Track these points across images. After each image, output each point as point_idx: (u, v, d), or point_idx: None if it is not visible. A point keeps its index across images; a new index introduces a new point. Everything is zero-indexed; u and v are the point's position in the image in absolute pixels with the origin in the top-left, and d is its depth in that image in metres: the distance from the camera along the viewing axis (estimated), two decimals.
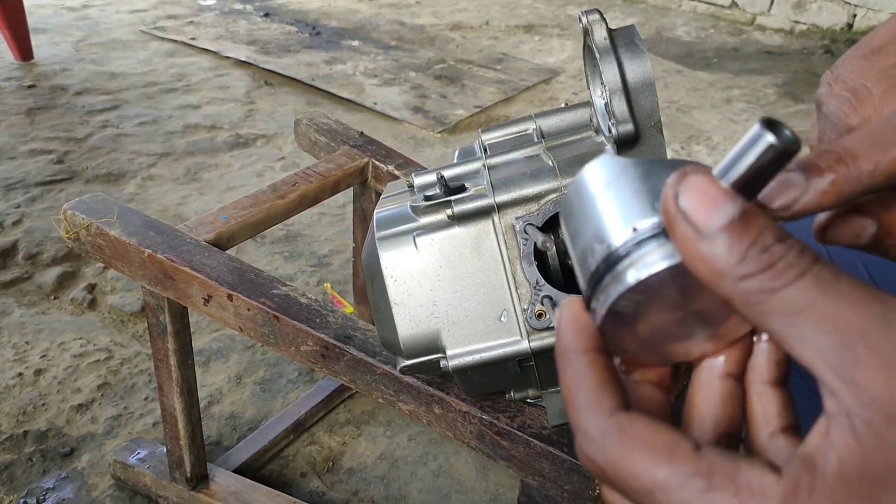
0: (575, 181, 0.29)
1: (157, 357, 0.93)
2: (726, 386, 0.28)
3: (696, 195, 0.23)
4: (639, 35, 0.54)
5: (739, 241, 0.22)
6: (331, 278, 1.62)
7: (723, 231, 0.22)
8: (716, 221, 0.22)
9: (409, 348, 0.56)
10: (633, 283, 0.26)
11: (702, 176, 0.23)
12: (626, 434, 0.24)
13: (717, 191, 0.23)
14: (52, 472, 1.13)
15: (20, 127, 2.20)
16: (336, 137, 1.11)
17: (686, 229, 0.23)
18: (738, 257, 0.22)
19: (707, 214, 0.23)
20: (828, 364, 0.21)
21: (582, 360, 0.26)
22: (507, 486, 1.16)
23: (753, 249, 0.22)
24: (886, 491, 0.21)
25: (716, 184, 0.23)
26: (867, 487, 0.21)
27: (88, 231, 0.86)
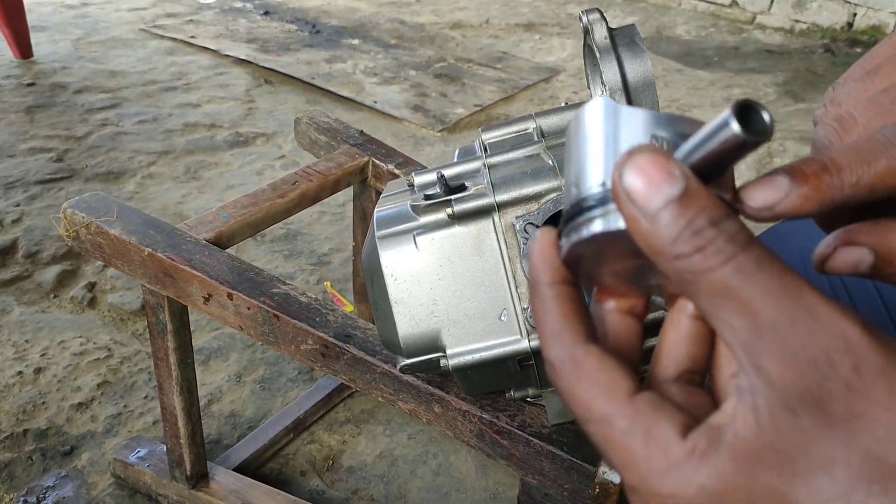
0: (577, 114, 0.29)
1: (157, 356, 0.93)
2: (694, 326, 0.29)
3: (639, 175, 0.24)
4: (639, 34, 0.54)
5: (674, 223, 0.24)
6: (330, 277, 1.62)
7: (660, 212, 0.24)
8: (654, 203, 0.24)
9: (409, 347, 0.56)
10: (588, 235, 0.27)
11: (648, 156, 0.24)
12: (579, 367, 0.27)
13: (660, 173, 0.24)
14: (51, 470, 1.13)
15: (20, 125, 2.20)
16: (336, 136, 1.11)
17: (628, 206, 0.25)
18: (671, 239, 0.24)
19: (647, 195, 0.24)
20: (741, 345, 0.24)
21: (548, 293, 0.28)
22: (506, 484, 1.16)
23: (686, 231, 0.23)
24: (768, 471, 0.23)
25: (661, 165, 0.24)
26: (751, 464, 0.23)
27: (88, 230, 0.86)
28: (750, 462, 0.23)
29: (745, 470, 0.23)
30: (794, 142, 2.47)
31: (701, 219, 0.23)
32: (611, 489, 0.57)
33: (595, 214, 0.27)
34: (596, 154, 0.28)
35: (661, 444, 0.25)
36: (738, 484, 0.23)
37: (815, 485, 0.23)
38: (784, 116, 2.67)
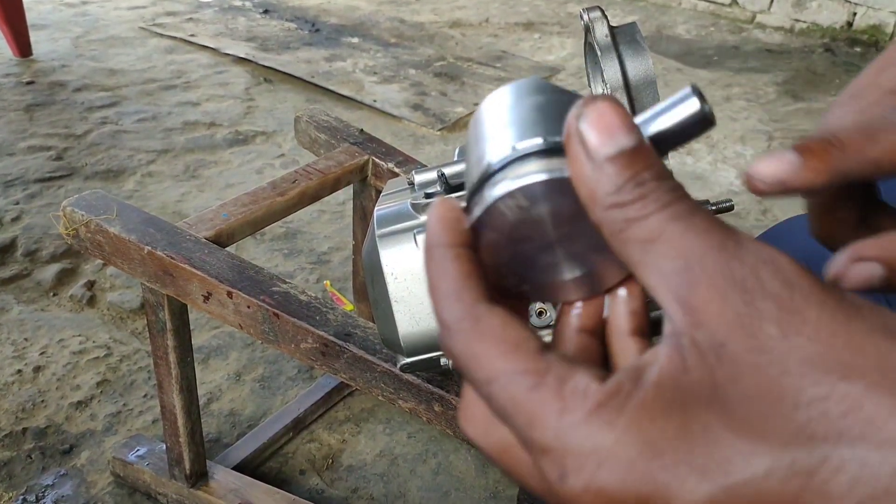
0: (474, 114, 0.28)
1: (157, 354, 0.93)
2: (582, 340, 0.28)
3: (598, 120, 0.23)
4: (640, 32, 0.53)
5: (620, 173, 0.23)
6: (330, 276, 1.62)
7: (608, 160, 0.23)
8: (606, 150, 0.23)
9: (410, 346, 0.56)
10: (503, 193, 0.25)
11: (610, 105, 0.24)
12: (481, 324, 0.25)
13: (619, 122, 0.23)
14: (51, 469, 1.13)
15: (19, 123, 2.19)
16: (336, 135, 1.11)
17: (578, 149, 0.24)
18: (615, 187, 0.23)
19: (600, 141, 0.23)
20: (668, 288, 0.22)
21: (447, 254, 0.26)
22: (506, 483, 1.16)
23: (630, 183, 0.23)
24: (697, 406, 0.21)
25: (621, 116, 0.24)
26: (680, 400, 0.22)
27: (88, 228, 0.86)
28: (679, 398, 0.22)
29: (674, 406, 0.22)
30: (794, 141, 2.47)
31: (647, 172, 0.23)
32: None
33: (510, 173, 0.26)
34: (502, 125, 0.27)
35: (578, 392, 0.23)
36: (668, 421, 0.21)
37: (749, 414, 0.21)
38: (784, 116, 2.67)
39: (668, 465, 0.21)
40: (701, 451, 0.21)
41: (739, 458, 0.21)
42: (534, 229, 0.27)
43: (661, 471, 0.21)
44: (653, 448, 0.21)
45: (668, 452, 0.21)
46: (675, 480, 0.21)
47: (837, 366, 0.20)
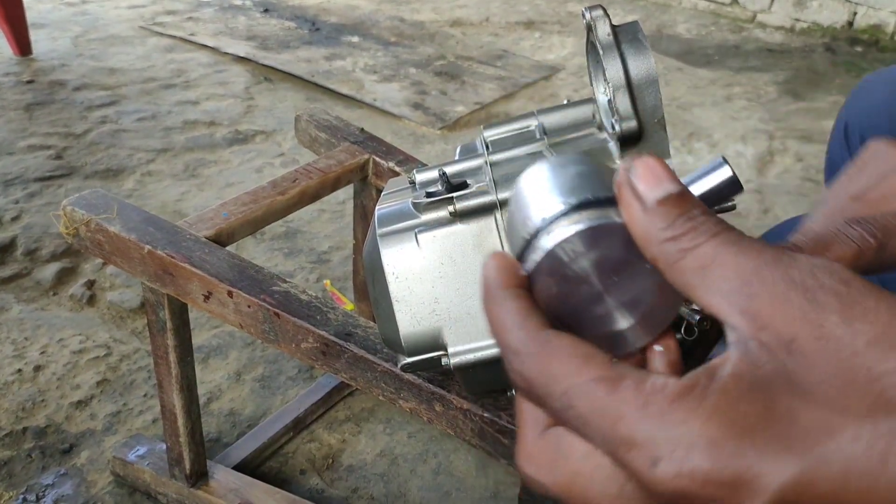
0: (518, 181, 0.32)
1: (157, 354, 0.93)
2: None
3: (646, 172, 0.27)
4: (642, 31, 0.53)
5: (670, 212, 0.26)
6: (330, 275, 1.62)
7: (659, 203, 0.27)
8: (655, 194, 0.27)
9: (411, 346, 0.56)
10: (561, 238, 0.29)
11: (655, 159, 0.28)
12: (550, 345, 0.27)
13: (664, 172, 0.27)
14: (51, 468, 1.13)
15: (19, 122, 2.19)
16: (336, 134, 1.11)
17: (630, 196, 0.27)
18: (667, 224, 0.26)
19: (650, 188, 0.27)
20: (730, 303, 0.25)
21: (507, 294, 0.28)
22: (507, 483, 1.15)
23: (681, 218, 0.26)
24: (776, 392, 0.23)
25: (665, 168, 0.27)
26: (759, 388, 0.23)
27: (88, 227, 0.86)
28: (757, 386, 0.23)
29: (754, 392, 0.23)
30: (795, 140, 2.47)
31: (695, 210, 0.26)
32: None
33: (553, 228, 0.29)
34: (546, 191, 0.30)
35: (658, 387, 0.24)
36: (750, 405, 0.23)
37: (827, 393, 0.23)
38: (784, 115, 2.67)
39: (757, 444, 0.22)
40: (786, 429, 0.23)
41: (824, 431, 0.22)
42: (586, 277, 0.29)
43: (751, 449, 0.22)
44: (739, 429, 0.23)
45: (754, 432, 0.23)
46: (763, 457, 0.22)
47: None
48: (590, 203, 0.29)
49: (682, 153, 2.34)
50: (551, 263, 0.29)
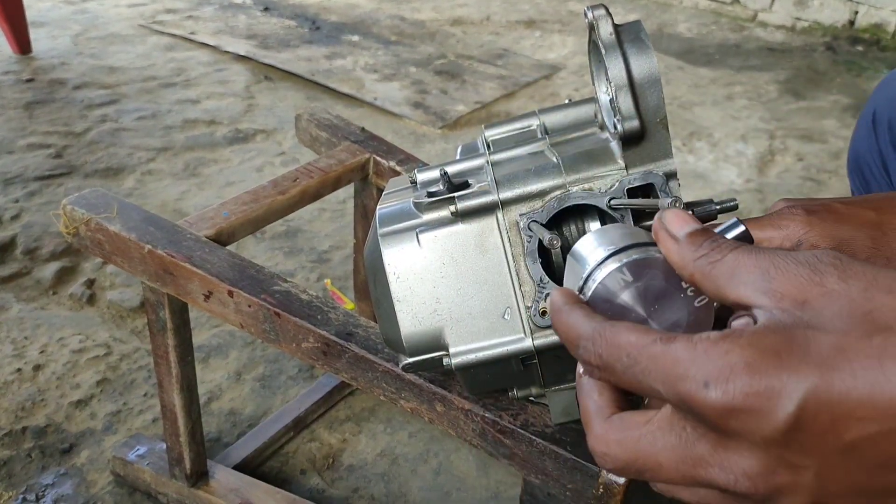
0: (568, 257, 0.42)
1: (157, 353, 0.93)
2: None
3: (674, 217, 0.37)
4: (645, 31, 0.53)
5: (697, 239, 0.36)
6: (331, 274, 1.62)
7: (688, 235, 0.36)
8: (685, 230, 0.36)
9: (412, 346, 0.56)
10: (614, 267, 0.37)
11: (679, 209, 0.38)
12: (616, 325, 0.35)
13: (688, 217, 0.37)
14: (50, 468, 1.13)
15: (18, 121, 2.19)
16: (337, 133, 1.10)
17: (665, 235, 0.37)
18: (696, 247, 0.35)
19: (679, 227, 0.37)
20: (755, 289, 0.32)
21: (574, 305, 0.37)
22: (507, 483, 1.15)
23: (707, 242, 0.35)
24: (797, 330, 0.30)
25: (688, 214, 0.37)
26: (782, 330, 0.30)
27: (88, 226, 0.86)
28: (781, 329, 0.30)
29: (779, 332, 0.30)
30: (796, 139, 2.47)
31: (713, 237, 0.36)
32: (614, 489, 0.56)
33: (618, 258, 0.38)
34: (595, 247, 0.40)
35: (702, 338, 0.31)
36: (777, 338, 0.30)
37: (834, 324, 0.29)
38: (785, 114, 2.66)
39: (783, 364, 0.29)
40: (805, 352, 0.29)
41: (834, 350, 0.29)
42: (632, 305, 0.37)
43: (779, 367, 0.29)
44: (769, 355, 0.29)
45: (780, 356, 0.29)
46: (789, 372, 0.29)
47: (881, 287, 0.30)
48: (630, 246, 0.38)
49: (683, 152, 2.33)
50: (605, 291, 0.37)
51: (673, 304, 0.36)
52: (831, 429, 0.28)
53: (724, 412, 0.29)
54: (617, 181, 0.53)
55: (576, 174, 0.53)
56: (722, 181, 2.17)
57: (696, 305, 0.37)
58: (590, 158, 0.54)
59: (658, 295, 0.36)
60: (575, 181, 0.53)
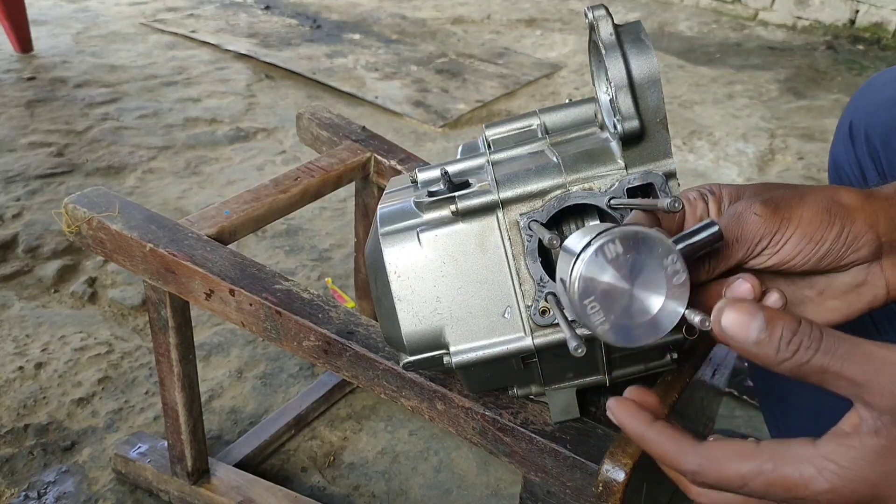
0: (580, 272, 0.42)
1: (159, 351, 0.93)
2: None
3: (735, 322, 0.36)
4: (645, 31, 0.53)
5: (770, 344, 0.35)
6: (332, 273, 1.62)
7: (758, 343, 0.35)
8: (753, 336, 0.35)
9: (413, 344, 0.56)
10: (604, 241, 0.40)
11: (735, 306, 0.36)
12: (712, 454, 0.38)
13: (748, 315, 0.36)
14: (52, 465, 1.13)
15: (20, 119, 2.19)
16: (338, 132, 1.11)
17: (736, 343, 0.36)
18: (775, 351, 0.35)
19: (745, 333, 0.36)
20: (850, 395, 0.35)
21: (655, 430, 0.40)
22: (508, 481, 1.16)
23: (782, 343, 0.35)
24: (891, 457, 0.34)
25: (745, 309, 0.36)
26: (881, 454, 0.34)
27: (90, 225, 0.86)
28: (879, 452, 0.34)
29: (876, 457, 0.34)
30: (796, 139, 2.47)
31: (786, 332, 0.35)
32: (614, 487, 0.57)
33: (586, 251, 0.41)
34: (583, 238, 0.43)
35: (798, 457, 0.36)
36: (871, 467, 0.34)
37: None
38: (786, 113, 2.67)
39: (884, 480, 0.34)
40: None
41: None
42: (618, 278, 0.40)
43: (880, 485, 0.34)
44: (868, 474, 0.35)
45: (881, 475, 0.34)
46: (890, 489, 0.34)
47: None
48: (610, 229, 0.40)
49: (684, 151, 2.33)
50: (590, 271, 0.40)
51: (654, 280, 0.39)
52: None
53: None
54: (617, 181, 0.53)
55: (576, 174, 0.54)
56: (722, 180, 2.17)
57: (675, 283, 0.40)
58: (590, 158, 0.54)
59: (638, 265, 0.39)
60: (575, 181, 0.54)
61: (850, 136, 0.76)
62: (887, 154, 0.72)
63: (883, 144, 0.72)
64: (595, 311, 0.40)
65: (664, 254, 0.39)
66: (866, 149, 0.74)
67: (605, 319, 0.40)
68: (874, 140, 0.73)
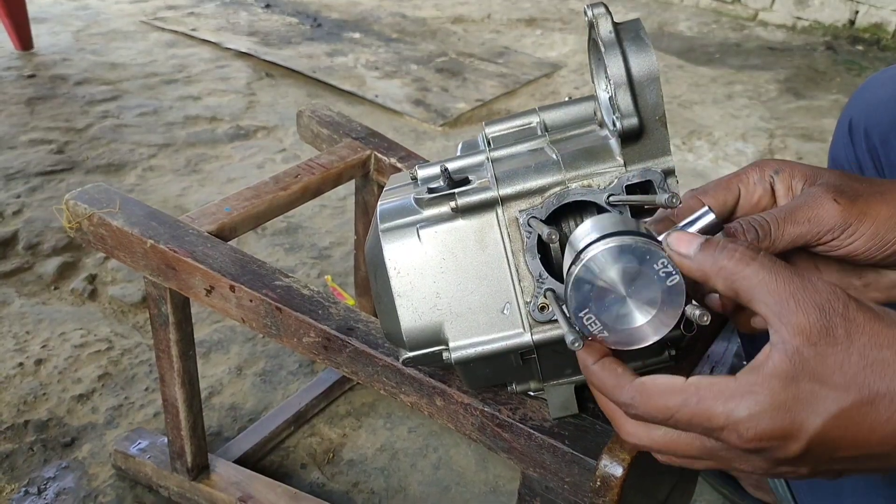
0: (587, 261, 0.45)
1: (159, 348, 0.93)
2: None
3: (678, 239, 0.42)
4: (644, 29, 0.54)
5: (710, 253, 0.40)
6: (331, 270, 1.62)
7: (699, 252, 0.41)
8: (692, 248, 0.41)
9: (412, 340, 0.57)
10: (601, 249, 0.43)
11: (680, 231, 0.43)
12: (645, 388, 0.41)
13: (689, 235, 0.42)
14: (52, 461, 1.14)
15: (20, 117, 2.19)
16: (338, 130, 1.11)
17: (678, 256, 0.42)
18: (713, 260, 0.40)
19: (687, 247, 0.41)
20: (773, 313, 0.38)
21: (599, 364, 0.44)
22: (506, 477, 1.16)
23: (721, 254, 0.40)
24: (803, 378, 0.37)
25: (688, 233, 0.43)
26: (791, 376, 0.37)
27: (91, 221, 0.86)
28: (790, 375, 0.37)
29: (788, 379, 0.37)
30: (795, 139, 2.47)
31: (723, 244, 0.40)
32: (612, 482, 0.57)
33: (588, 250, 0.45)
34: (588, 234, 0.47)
35: (719, 389, 0.39)
36: (788, 385, 0.37)
37: (834, 380, 0.37)
38: (785, 113, 2.67)
39: (793, 410, 0.37)
40: (810, 401, 0.37)
41: (832, 399, 0.37)
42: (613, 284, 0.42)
43: (792, 413, 0.37)
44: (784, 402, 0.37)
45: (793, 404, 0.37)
46: (799, 417, 0.37)
47: (881, 346, 0.37)
48: (614, 234, 0.43)
49: (683, 151, 2.34)
50: (588, 273, 0.42)
51: (648, 284, 0.42)
52: (826, 457, 0.38)
53: (752, 449, 0.39)
54: (616, 178, 0.54)
55: (575, 171, 0.54)
56: None
57: (668, 285, 0.42)
58: (589, 155, 0.55)
59: (634, 276, 0.42)
60: (574, 178, 0.54)
61: (850, 135, 0.77)
62: (886, 152, 0.72)
63: (882, 142, 0.72)
64: (591, 322, 0.43)
65: (654, 259, 0.42)
66: (865, 146, 0.74)
67: (602, 328, 0.43)
68: (873, 138, 0.73)
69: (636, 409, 0.41)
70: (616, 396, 0.42)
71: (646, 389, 0.41)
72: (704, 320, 0.40)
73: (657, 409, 0.40)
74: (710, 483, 1.16)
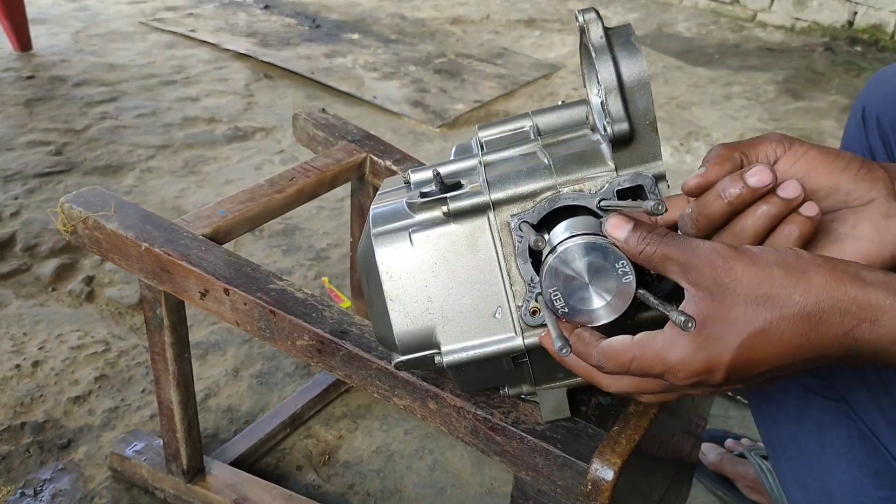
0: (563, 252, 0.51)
1: (154, 350, 0.94)
2: None
3: (613, 224, 0.49)
4: (635, 34, 0.54)
5: (634, 237, 0.48)
6: (329, 272, 1.63)
7: (628, 236, 0.49)
8: (623, 234, 0.49)
9: (404, 344, 0.57)
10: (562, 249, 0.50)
11: (616, 216, 0.50)
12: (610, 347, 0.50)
13: (621, 220, 0.49)
14: (49, 463, 1.14)
15: (19, 118, 2.19)
16: (334, 132, 1.11)
17: (615, 239, 0.49)
18: (636, 242, 0.48)
19: (619, 231, 0.49)
20: (682, 279, 0.47)
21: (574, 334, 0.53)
22: (502, 480, 1.16)
23: (641, 238, 0.48)
24: (711, 323, 0.46)
25: (621, 218, 0.49)
26: (702, 325, 0.46)
27: (86, 224, 0.86)
28: (700, 324, 0.46)
29: (699, 328, 0.46)
30: None
31: (644, 231, 0.48)
32: (603, 486, 0.57)
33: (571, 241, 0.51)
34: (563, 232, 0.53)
35: (654, 342, 0.48)
36: (699, 336, 0.46)
37: (731, 318, 0.45)
38: (784, 115, 2.67)
39: (708, 348, 0.46)
40: (720, 339, 0.46)
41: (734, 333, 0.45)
42: (580, 273, 0.50)
43: (707, 350, 0.46)
44: (703, 343, 0.46)
45: (707, 343, 0.46)
46: (714, 352, 0.46)
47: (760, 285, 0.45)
48: (582, 234, 0.50)
49: (681, 152, 2.34)
50: (560, 262, 0.50)
51: (608, 277, 0.49)
52: (746, 375, 0.47)
53: (687, 386, 0.49)
54: (607, 183, 0.54)
55: (566, 175, 0.54)
56: None
57: (623, 282, 0.49)
58: (580, 160, 0.55)
59: (597, 268, 0.49)
60: (565, 182, 0.54)
61: (863, 121, 0.78)
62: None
63: (893, 130, 0.73)
64: (557, 298, 0.50)
65: (615, 259, 0.49)
66: (877, 133, 0.75)
67: (565, 306, 0.50)
68: (885, 126, 0.74)
69: (606, 368, 0.50)
70: (590, 360, 0.51)
71: (606, 352, 0.50)
72: (689, 326, 0.44)
73: (618, 364, 0.49)
74: (706, 485, 1.16)
